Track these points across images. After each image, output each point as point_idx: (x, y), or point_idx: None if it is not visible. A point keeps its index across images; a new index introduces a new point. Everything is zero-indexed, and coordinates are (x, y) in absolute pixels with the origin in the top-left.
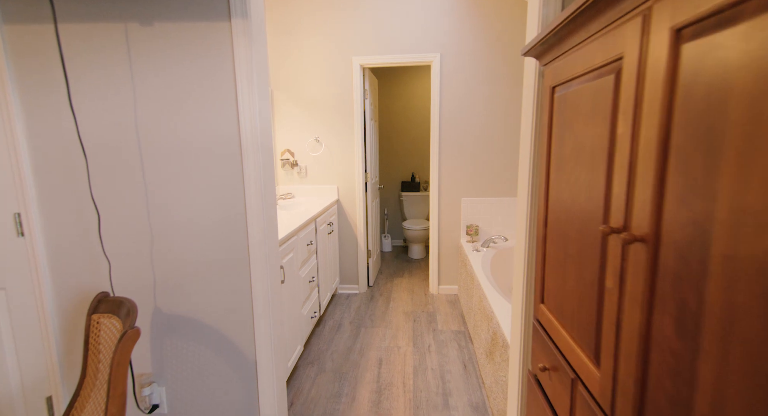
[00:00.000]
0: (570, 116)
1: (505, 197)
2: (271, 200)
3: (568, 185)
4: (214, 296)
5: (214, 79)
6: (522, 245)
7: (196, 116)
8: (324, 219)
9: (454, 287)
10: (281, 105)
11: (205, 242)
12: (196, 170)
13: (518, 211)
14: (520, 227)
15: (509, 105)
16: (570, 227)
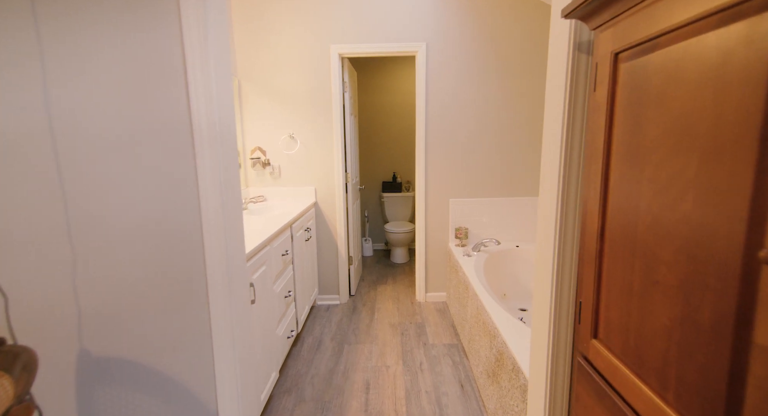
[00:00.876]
0: (658, 88)
1: (497, 198)
2: (235, 206)
3: (653, 186)
4: (161, 331)
5: (154, 49)
6: (548, 259)
7: (129, 98)
8: (301, 224)
9: (443, 294)
10: (251, 98)
11: (148, 263)
12: (134, 169)
13: (543, 217)
14: (546, 236)
15: (503, 100)
16: (660, 245)
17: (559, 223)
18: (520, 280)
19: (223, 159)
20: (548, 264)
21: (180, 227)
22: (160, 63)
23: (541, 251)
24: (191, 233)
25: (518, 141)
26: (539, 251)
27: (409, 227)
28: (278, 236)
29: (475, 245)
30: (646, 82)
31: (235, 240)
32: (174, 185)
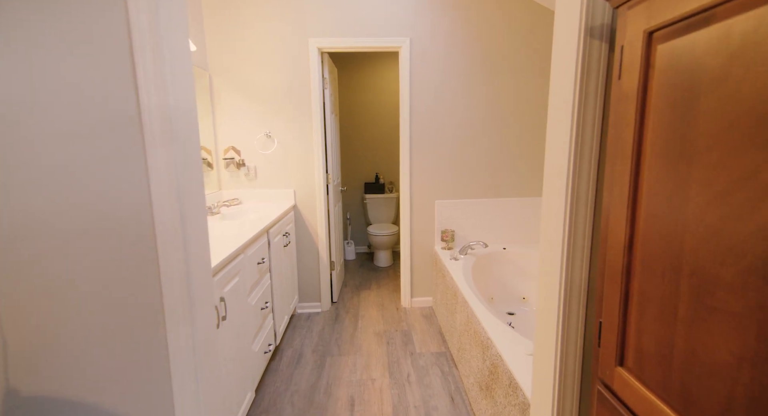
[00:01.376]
0: (716, 71)
1: (484, 199)
2: (197, 214)
3: (708, 191)
4: (107, 364)
5: (88, 25)
6: (554, 270)
7: (57, 76)
8: (279, 229)
9: (429, 299)
10: (224, 94)
11: (90, 283)
12: (69, 167)
13: (547, 223)
14: (551, 245)
15: (489, 98)
16: (720, 264)
17: (568, 231)
18: (507, 283)
19: (181, 158)
20: (554, 277)
21: (128, 240)
22: (96, 41)
23: (545, 262)
24: (141, 247)
25: (506, 140)
26: (543, 262)
27: (392, 229)
28: (253, 242)
29: (462, 248)
30: (696, 65)
31: (198, 253)
32: (120, 190)
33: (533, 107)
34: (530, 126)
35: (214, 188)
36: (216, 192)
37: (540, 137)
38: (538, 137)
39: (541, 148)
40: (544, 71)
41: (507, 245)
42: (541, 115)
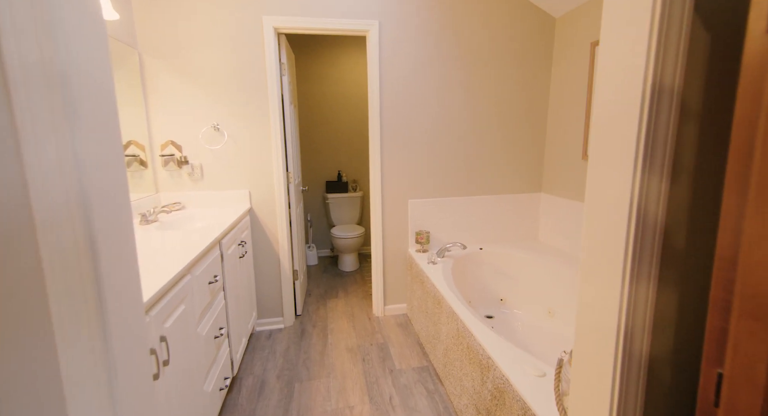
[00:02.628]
0: None
1: (460, 197)
2: (120, 228)
3: None
4: None
5: None
6: (611, 296)
7: None
8: (233, 238)
9: (403, 306)
10: (160, 79)
11: None
12: None
13: (596, 236)
14: (603, 260)
15: (465, 90)
16: None
17: (633, 239)
18: (485, 285)
19: (89, 147)
20: (611, 303)
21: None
22: None
23: (591, 282)
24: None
25: (484, 134)
26: (586, 283)
27: (358, 230)
28: (203, 257)
29: (439, 251)
30: None
31: (122, 285)
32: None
33: (513, 100)
34: (509, 119)
35: (148, 190)
36: (152, 196)
37: (519, 131)
38: (517, 130)
39: (520, 143)
40: (524, 62)
41: (484, 244)
42: (521, 108)
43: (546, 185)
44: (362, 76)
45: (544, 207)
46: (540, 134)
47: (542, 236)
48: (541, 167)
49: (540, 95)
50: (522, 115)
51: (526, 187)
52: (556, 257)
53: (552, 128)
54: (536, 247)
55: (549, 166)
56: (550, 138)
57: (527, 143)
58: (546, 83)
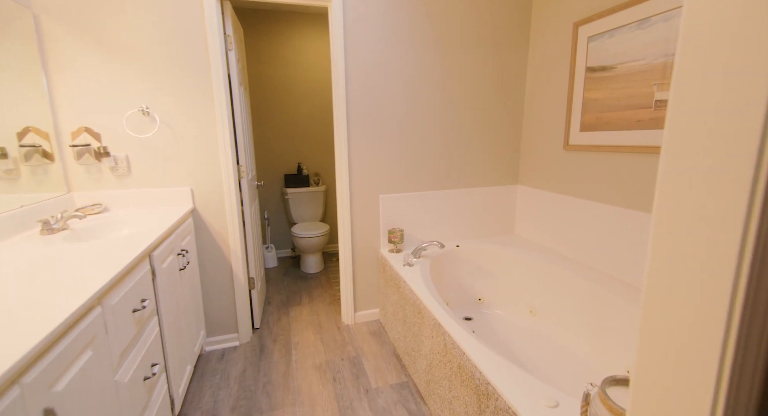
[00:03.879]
0: None
1: (434, 191)
2: None
3: None
4: None
5: None
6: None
7: None
8: (170, 248)
9: (375, 311)
10: (66, 48)
11: None
12: None
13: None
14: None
15: (440, 75)
16: None
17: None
18: (462, 284)
19: None
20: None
21: None
22: None
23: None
24: None
25: (458, 123)
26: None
27: (322, 228)
28: (123, 280)
29: (415, 251)
30: None
31: None
32: None
33: (488, 85)
34: (485, 107)
35: (57, 189)
36: (61, 197)
37: (496, 119)
38: (493, 118)
39: (497, 132)
40: (500, 44)
41: (460, 240)
42: (498, 94)
43: (523, 176)
44: (324, 59)
45: (521, 200)
46: (516, 122)
47: (519, 230)
48: (517, 158)
49: (516, 80)
50: (498, 102)
51: (503, 179)
52: (535, 252)
53: (529, 116)
54: (514, 241)
55: (526, 156)
56: (528, 127)
57: (504, 132)
58: (522, 67)
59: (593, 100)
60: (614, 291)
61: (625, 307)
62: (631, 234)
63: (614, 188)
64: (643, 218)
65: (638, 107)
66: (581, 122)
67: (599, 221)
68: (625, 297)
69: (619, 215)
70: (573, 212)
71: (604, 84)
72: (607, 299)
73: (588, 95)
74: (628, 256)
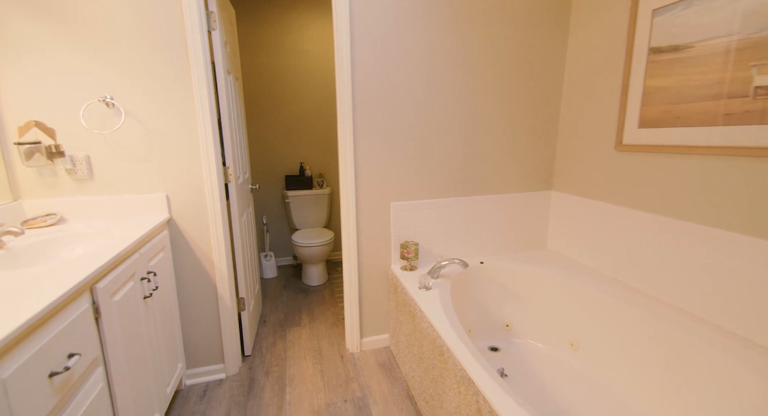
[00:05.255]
0: None
1: (455, 198)
2: None
3: None
4: None
5: None
6: None
7: None
8: (129, 271)
9: (385, 338)
10: (8, 20)
11: None
12: None
13: None
14: None
15: (465, 62)
16: None
17: None
18: (487, 307)
19: None
20: None
21: None
22: None
23: None
24: None
25: (481, 119)
26: None
27: (325, 236)
28: (31, 334)
29: (432, 270)
30: None
31: None
32: None
33: (518, 74)
34: (513, 99)
35: (1, 196)
36: (5, 205)
37: (526, 114)
38: (523, 113)
39: (528, 128)
40: (534, 25)
41: (484, 256)
42: (529, 85)
43: (559, 181)
44: (328, 48)
45: (556, 209)
46: (552, 116)
47: (553, 244)
48: (552, 160)
49: (552, 66)
50: (530, 92)
51: (534, 184)
52: (574, 272)
53: (569, 109)
54: (547, 258)
55: (564, 158)
56: (566, 122)
57: (536, 129)
58: (560, 50)
59: (659, 88)
60: (685, 329)
61: (704, 350)
62: (709, 258)
63: (685, 199)
64: (725, 237)
65: (727, 96)
66: (641, 116)
67: (662, 240)
68: (702, 338)
69: (690, 234)
70: (625, 225)
71: (676, 68)
72: (676, 339)
73: (651, 83)
74: (704, 285)
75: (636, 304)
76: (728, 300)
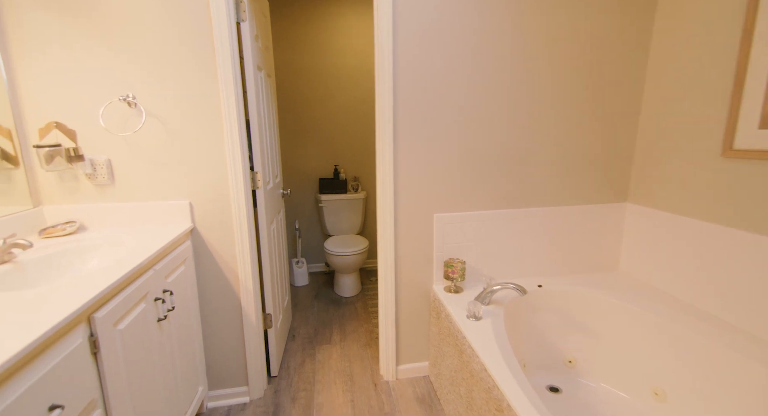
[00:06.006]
0: None
1: (508, 210)
2: None
3: None
4: None
5: None
6: None
7: None
8: (140, 292)
9: (423, 365)
10: (30, 19)
11: None
12: None
13: None
14: None
15: (522, 49)
16: None
17: None
18: (545, 339)
19: None
20: None
21: None
22: None
23: None
24: None
25: (541, 115)
26: None
27: (359, 245)
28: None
29: (483, 295)
30: None
31: None
32: None
33: (586, 63)
34: (580, 92)
35: (20, 202)
36: (24, 212)
37: (597, 110)
38: (593, 109)
39: (598, 128)
40: (605, 4)
41: (542, 278)
42: (601, 75)
43: (637, 192)
44: (366, 43)
45: (631, 224)
46: (630, 113)
47: (626, 266)
48: (629, 166)
49: (632, 52)
50: (601, 82)
51: (604, 195)
52: (657, 302)
53: (653, 104)
54: (620, 283)
55: (645, 164)
56: (649, 121)
57: (608, 128)
58: (644, 32)
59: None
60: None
61: None
62: None
63: None
64: None
65: None
66: (763, 113)
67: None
68: None
69: None
70: (730, 250)
71: None
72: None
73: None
74: None
75: (743, 349)
76: None
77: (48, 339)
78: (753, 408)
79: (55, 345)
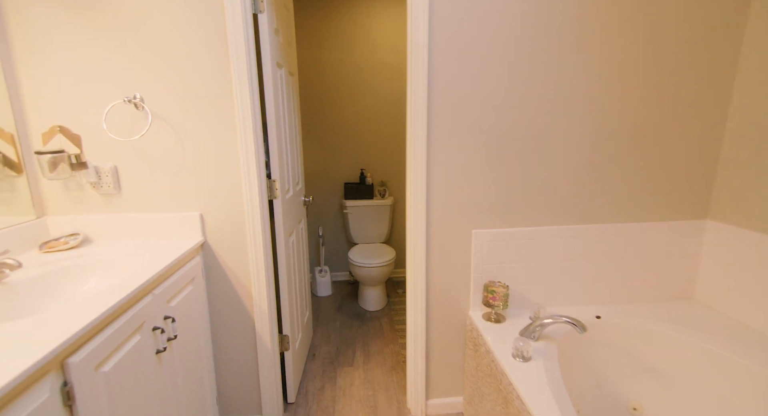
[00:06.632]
0: None
1: (558, 227)
2: None
3: None
4: None
5: None
6: None
7: None
8: (135, 322)
9: (457, 401)
10: (30, 10)
11: None
12: None
13: None
14: None
15: (577, 40)
16: None
17: None
18: (604, 381)
19: None
20: None
21: None
22: None
23: None
24: None
25: (600, 116)
26: None
27: (386, 255)
28: None
29: (530, 328)
30: None
31: None
32: None
33: (659, 60)
34: (654, 84)
35: (23, 213)
36: (27, 223)
37: (672, 113)
38: (666, 112)
39: (672, 133)
40: None
41: (600, 308)
42: (678, 73)
43: (720, 207)
44: (396, 40)
45: (712, 245)
46: (715, 114)
47: (704, 294)
48: (711, 177)
49: (720, 48)
50: (678, 82)
51: (678, 210)
52: (743, 341)
53: (744, 104)
54: (696, 315)
55: (731, 175)
56: (739, 124)
57: (686, 132)
58: (737, 16)
59: None
60: None
61: None
62: None
63: None
64: None
65: None
66: None
67: None
68: None
69: None
70: None
71: None
72: None
73: None
74: None
75: None
76: None
77: (6, 396)
78: None
79: (17, 400)
